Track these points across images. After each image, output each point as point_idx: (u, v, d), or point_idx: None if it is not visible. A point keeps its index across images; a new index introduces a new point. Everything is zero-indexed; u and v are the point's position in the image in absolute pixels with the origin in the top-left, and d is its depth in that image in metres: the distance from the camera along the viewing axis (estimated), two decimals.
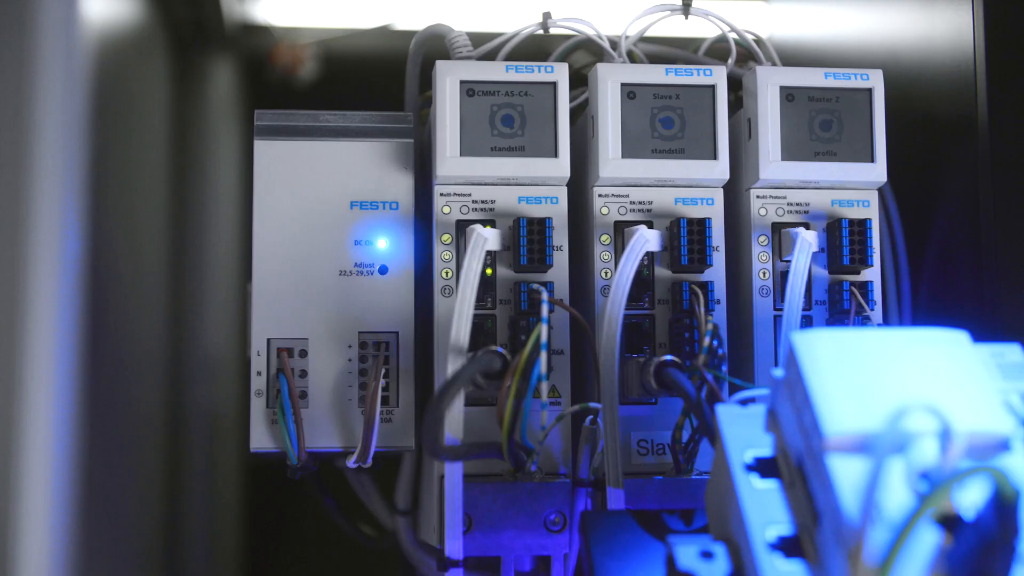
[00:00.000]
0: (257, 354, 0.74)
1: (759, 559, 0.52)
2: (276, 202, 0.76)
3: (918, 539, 0.48)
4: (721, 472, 0.57)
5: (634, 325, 0.75)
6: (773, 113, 0.76)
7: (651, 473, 0.73)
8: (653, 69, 0.76)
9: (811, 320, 0.77)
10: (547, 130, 0.74)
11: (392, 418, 0.75)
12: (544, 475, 0.72)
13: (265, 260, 0.75)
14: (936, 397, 0.51)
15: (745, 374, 0.76)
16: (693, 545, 0.54)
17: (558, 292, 0.74)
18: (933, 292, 0.82)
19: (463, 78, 0.74)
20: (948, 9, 0.80)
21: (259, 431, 0.74)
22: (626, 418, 0.74)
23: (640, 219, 0.76)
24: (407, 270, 0.76)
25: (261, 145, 0.76)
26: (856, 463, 0.50)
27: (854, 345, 0.54)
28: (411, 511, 0.84)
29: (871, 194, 0.78)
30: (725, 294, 0.76)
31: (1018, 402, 0.57)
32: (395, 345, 0.75)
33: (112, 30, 0.89)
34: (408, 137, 0.77)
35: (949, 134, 0.80)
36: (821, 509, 0.51)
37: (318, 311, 0.75)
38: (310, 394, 0.74)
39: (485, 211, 0.75)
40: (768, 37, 0.84)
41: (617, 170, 0.75)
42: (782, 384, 0.55)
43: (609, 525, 0.64)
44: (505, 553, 0.72)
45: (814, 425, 0.51)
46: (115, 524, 0.92)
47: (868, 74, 0.77)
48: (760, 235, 0.77)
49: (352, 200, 0.76)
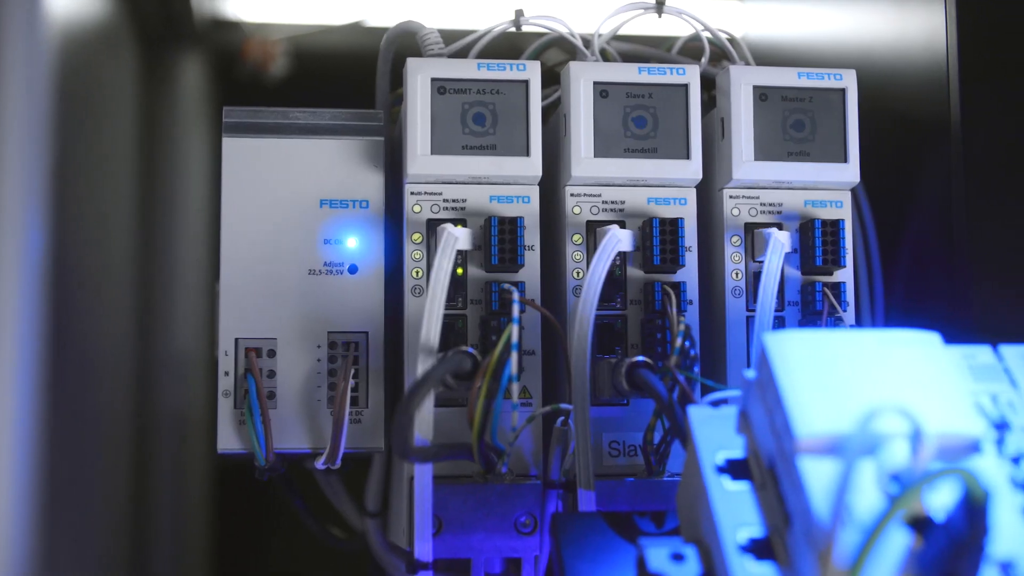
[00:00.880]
0: (225, 354, 0.74)
1: (730, 561, 0.52)
2: (244, 200, 0.75)
3: (888, 541, 0.48)
4: (692, 474, 0.57)
5: (606, 325, 0.75)
6: (746, 113, 0.76)
7: (622, 475, 0.73)
8: (626, 68, 0.76)
9: (783, 321, 0.76)
10: (519, 129, 0.74)
11: (361, 419, 0.74)
12: (515, 477, 0.71)
13: (233, 259, 0.74)
14: (907, 399, 0.50)
15: (717, 375, 0.76)
16: (664, 547, 0.54)
17: (529, 292, 0.74)
18: (906, 293, 0.82)
19: (434, 76, 0.74)
20: (921, 10, 0.80)
21: (227, 432, 0.73)
22: (597, 419, 0.73)
23: (612, 219, 0.75)
24: (377, 269, 0.75)
25: (229, 142, 0.75)
26: (827, 465, 0.50)
27: (826, 346, 0.54)
28: (381, 513, 0.83)
29: (844, 195, 0.78)
30: (698, 295, 0.76)
31: (989, 404, 0.57)
32: (365, 345, 0.74)
33: (78, 25, 0.88)
34: (379, 135, 0.76)
35: (922, 135, 0.80)
36: (792, 511, 0.51)
37: (287, 310, 0.74)
38: (278, 395, 0.74)
39: (456, 210, 0.74)
40: (742, 36, 0.84)
41: (589, 169, 0.74)
42: (754, 385, 0.55)
43: (580, 527, 0.63)
44: (475, 555, 0.71)
45: (785, 427, 0.51)
46: (79, 527, 0.91)
47: (841, 74, 0.77)
48: (733, 235, 0.77)
49: (322, 198, 0.75)
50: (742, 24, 1.13)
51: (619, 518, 0.64)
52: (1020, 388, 0.58)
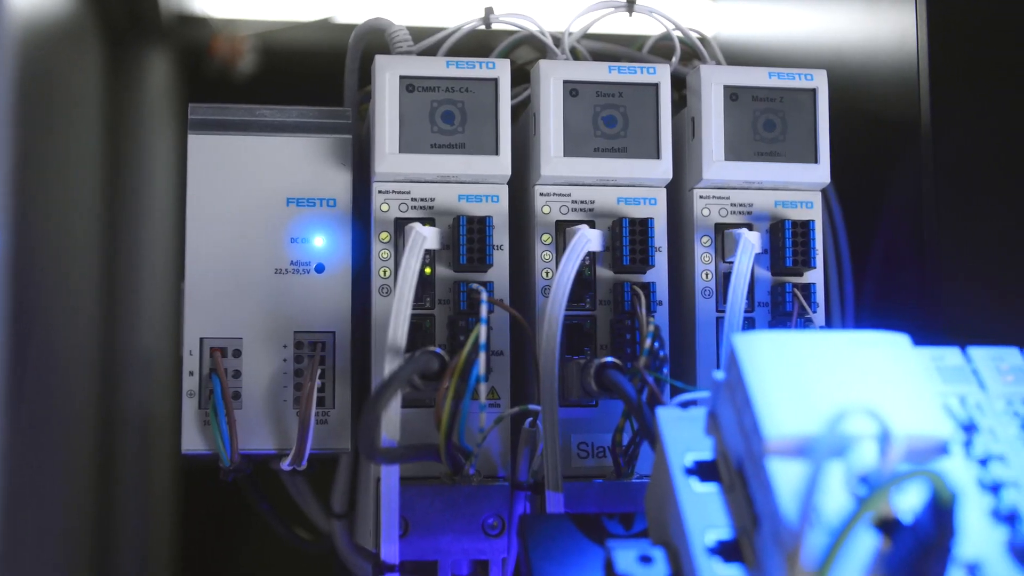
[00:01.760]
0: (189, 354, 0.73)
1: (698, 563, 0.51)
2: (210, 198, 0.74)
3: (856, 542, 0.47)
4: (661, 476, 0.56)
5: (575, 326, 0.74)
6: (717, 112, 0.75)
7: (591, 476, 0.73)
8: (596, 67, 0.75)
9: (753, 322, 0.76)
10: (488, 127, 0.74)
11: (328, 419, 0.74)
12: (482, 478, 0.71)
13: (198, 257, 0.74)
14: (876, 400, 0.50)
15: (687, 376, 0.76)
16: (632, 549, 0.54)
17: (498, 292, 0.74)
18: (876, 294, 0.82)
19: (403, 73, 0.73)
20: (892, 10, 0.80)
21: (191, 432, 0.73)
22: (566, 420, 0.73)
23: (582, 219, 0.75)
24: (344, 268, 0.75)
25: (195, 140, 0.75)
26: (796, 466, 0.50)
27: (795, 348, 0.54)
28: (347, 514, 0.83)
29: (815, 195, 0.78)
30: (667, 295, 0.76)
31: (957, 406, 0.57)
32: (331, 345, 0.74)
33: (40, 22, 0.87)
34: (346, 133, 0.76)
35: (893, 135, 0.80)
36: (760, 513, 0.51)
37: (253, 310, 0.74)
38: (244, 395, 0.73)
39: (424, 209, 0.74)
40: (714, 36, 0.83)
41: (559, 169, 0.74)
42: (723, 387, 0.55)
43: (548, 529, 0.63)
44: (442, 557, 0.71)
45: (754, 428, 0.51)
46: (40, 527, 0.90)
47: (812, 74, 0.77)
48: (703, 236, 0.77)
49: (288, 197, 0.75)
50: (713, 23, 1.12)
51: (587, 520, 0.64)
52: (988, 390, 0.58)
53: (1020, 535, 0.51)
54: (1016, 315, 0.75)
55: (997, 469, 0.54)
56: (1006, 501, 0.53)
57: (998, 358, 0.60)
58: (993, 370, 0.59)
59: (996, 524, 0.52)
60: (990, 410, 0.57)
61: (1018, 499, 0.53)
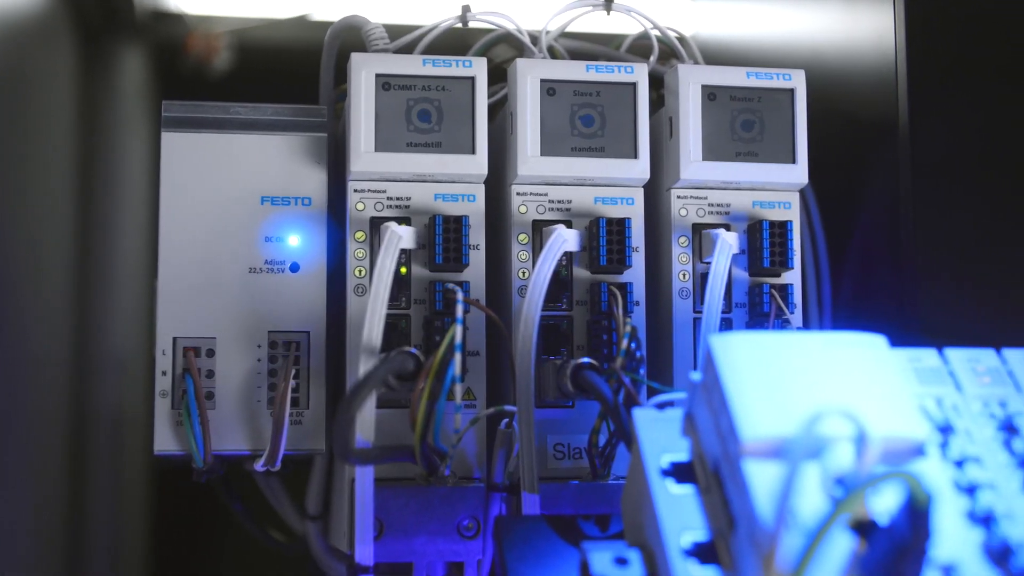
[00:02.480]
0: (162, 353, 0.73)
1: (673, 565, 0.51)
2: (183, 196, 0.74)
3: (832, 544, 0.47)
4: (637, 477, 0.56)
5: (551, 326, 0.74)
6: (695, 112, 0.75)
7: (567, 478, 0.72)
8: (574, 65, 0.75)
9: (731, 323, 0.76)
10: (465, 126, 0.73)
11: (302, 420, 0.73)
12: (458, 479, 0.71)
13: (171, 256, 0.73)
14: (852, 402, 0.50)
15: (664, 377, 0.76)
16: (607, 551, 0.54)
17: (474, 292, 0.73)
18: (854, 295, 0.82)
19: (379, 71, 0.73)
20: (870, 11, 0.80)
21: (164, 433, 0.72)
22: (542, 421, 0.73)
23: (559, 218, 0.75)
24: (319, 268, 0.74)
25: (168, 137, 0.74)
26: (772, 468, 0.49)
27: (772, 349, 0.53)
28: (322, 516, 0.82)
29: (792, 196, 0.77)
30: (644, 296, 0.75)
31: (933, 407, 0.57)
32: (306, 345, 0.73)
33: (12, 18, 0.86)
34: (322, 131, 0.75)
35: (870, 136, 0.80)
36: (736, 514, 0.50)
37: (226, 309, 0.73)
38: (217, 395, 0.73)
39: (400, 208, 0.73)
40: (692, 35, 0.83)
41: (536, 168, 0.74)
42: (700, 388, 0.54)
43: (523, 531, 0.63)
44: (417, 559, 0.71)
45: (731, 430, 0.51)
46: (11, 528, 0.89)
47: (790, 74, 0.77)
48: (680, 236, 0.76)
49: (263, 195, 0.74)
50: (692, 23, 1.12)
51: (563, 522, 0.64)
52: (965, 391, 0.58)
53: (995, 537, 0.51)
54: (993, 316, 0.75)
55: (973, 471, 0.54)
56: (982, 503, 0.53)
57: (974, 359, 0.60)
58: (969, 371, 0.59)
59: (972, 526, 0.52)
60: (966, 412, 0.57)
61: (993, 501, 0.53)
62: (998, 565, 0.51)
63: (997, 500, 0.53)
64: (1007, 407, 0.58)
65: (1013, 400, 0.58)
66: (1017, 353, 0.60)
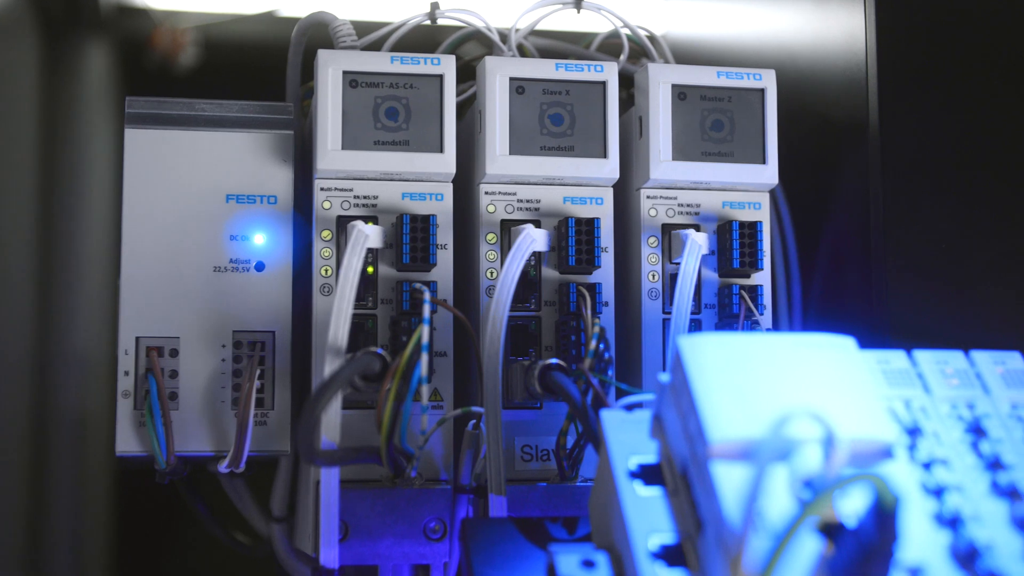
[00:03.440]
0: (125, 353, 0.72)
1: (641, 568, 0.51)
2: (147, 194, 0.73)
3: (799, 547, 0.47)
4: (605, 479, 0.56)
5: (519, 327, 0.73)
6: (664, 112, 0.75)
7: (535, 480, 0.72)
8: (543, 64, 0.75)
9: (700, 324, 0.76)
10: (432, 124, 0.73)
11: (267, 421, 0.72)
12: (424, 481, 0.70)
13: (135, 255, 0.73)
14: (821, 404, 0.50)
15: (633, 379, 0.75)
16: (575, 554, 0.53)
17: (442, 292, 0.73)
18: (823, 296, 0.82)
19: (346, 68, 0.72)
20: (841, 11, 0.80)
21: (126, 434, 0.71)
22: (510, 423, 0.72)
23: (527, 218, 0.74)
24: (285, 267, 0.73)
25: (132, 134, 0.73)
26: (740, 470, 0.49)
27: (741, 350, 0.53)
28: (287, 518, 0.82)
29: (763, 196, 0.77)
30: (613, 296, 0.75)
31: (902, 409, 0.57)
32: (271, 345, 0.73)
33: None
34: (288, 129, 0.75)
35: (841, 136, 0.80)
36: (704, 517, 0.50)
37: (190, 309, 0.72)
38: (181, 395, 0.72)
39: (367, 207, 0.73)
40: (663, 34, 0.83)
41: (504, 167, 0.73)
42: (668, 389, 0.54)
43: (490, 533, 0.62)
44: (383, 562, 0.70)
45: (699, 431, 0.50)
46: None
47: (761, 74, 0.76)
48: (650, 236, 0.76)
49: (228, 193, 0.74)
50: (662, 22, 1.12)
51: (530, 524, 0.63)
52: (933, 393, 0.58)
53: (962, 539, 0.51)
54: (962, 317, 0.75)
55: (940, 473, 0.54)
56: (949, 505, 0.53)
57: (943, 361, 0.60)
58: (938, 373, 0.59)
59: (939, 528, 0.52)
60: (935, 414, 0.57)
61: (961, 503, 0.53)
62: (964, 567, 0.51)
63: (964, 502, 0.53)
64: (975, 409, 0.58)
65: (981, 402, 0.58)
66: (985, 355, 0.60)
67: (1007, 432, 0.57)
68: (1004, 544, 0.52)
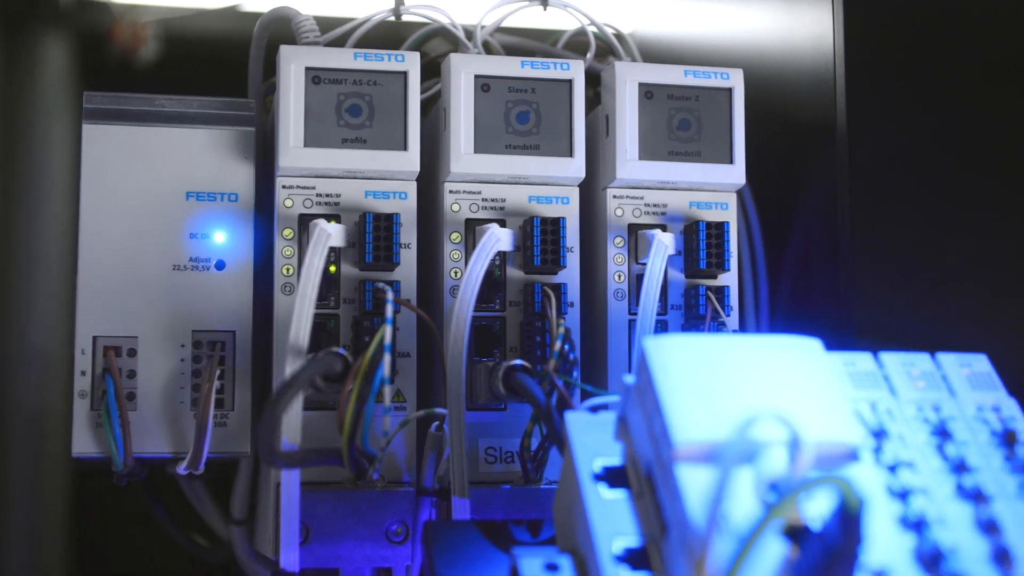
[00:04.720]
0: (82, 352, 0.71)
1: (604, 571, 0.50)
2: (105, 190, 0.72)
3: (764, 549, 0.47)
4: (569, 481, 0.55)
5: (484, 327, 0.73)
6: (631, 110, 0.74)
7: (499, 482, 0.72)
8: (509, 61, 0.74)
9: (666, 325, 0.75)
10: (396, 122, 0.72)
11: (227, 422, 0.72)
12: (386, 483, 0.70)
13: (92, 252, 0.72)
14: (786, 406, 0.50)
15: (598, 380, 0.75)
16: (538, 557, 0.53)
17: (405, 292, 0.72)
18: (790, 297, 0.82)
19: (309, 65, 0.71)
20: (810, 11, 0.80)
21: (82, 435, 0.71)
22: (473, 424, 0.72)
23: (492, 217, 0.74)
24: (245, 265, 0.73)
25: (90, 129, 0.73)
26: (705, 473, 0.49)
27: (706, 351, 0.53)
28: (247, 520, 0.81)
29: (730, 196, 0.77)
30: (579, 297, 0.74)
31: (868, 412, 0.57)
32: (231, 345, 0.72)
33: None
34: (250, 125, 0.74)
35: (808, 137, 0.80)
36: (669, 519, 0.50)
37: (149, 308, 0.72)
38: (139, 396, 0.71)
39: (330, 205, 0.72)
40: (630, 32, 0.83)
41: (469, 165, 0.72)
42: (633, 391, 0.54)
43: (453, 536, 0.62)
44: (344, 565, 0.70)
45: (663, 433, 0.50)
46: None
47: (728, 73, 0.76)
48: (616, 236, 0.75)
49: (188, 190, 0.73)
50: (630, 20, 1.12)
51: (494, 527, 0.63)
52: (899, 396, 0.58)
53: (927, 542, 0.51)
54: (929, 319, 0.75)
55: (906, 476, 0.54)
56: (914, 508, 0.53)
57: (909, 363, 0.60)
58: (904, 376, 0.59)
59: (904, 531, 0.52)
60: (900, 416, 0.57)
61: (926, 506, 0.53)
62: (929, 570, 0.51)
63: (929, 505, 0.53)
64: (940, 411, 0.58)
65: (947, 405, 0.58)
66: (951, 357, 0.60)
67: (972, 435, 0.57)
68: (969, 547, 0.52)
